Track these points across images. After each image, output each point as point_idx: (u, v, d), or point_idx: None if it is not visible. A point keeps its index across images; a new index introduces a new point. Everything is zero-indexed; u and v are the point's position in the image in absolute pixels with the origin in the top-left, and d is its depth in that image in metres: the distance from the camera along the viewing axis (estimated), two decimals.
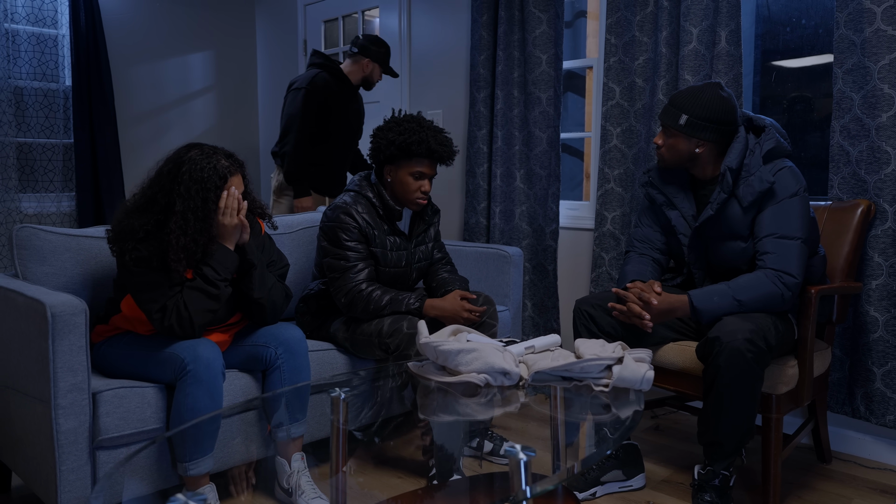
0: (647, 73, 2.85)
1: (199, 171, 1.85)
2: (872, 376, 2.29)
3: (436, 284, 2.43)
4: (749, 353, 1.81)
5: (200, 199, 1.84)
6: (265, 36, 4.75)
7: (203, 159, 1.87)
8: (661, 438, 2.61)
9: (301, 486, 1.93)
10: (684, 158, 2.08)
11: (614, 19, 2.92)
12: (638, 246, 2.28)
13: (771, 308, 1.94)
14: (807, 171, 2.77)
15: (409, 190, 2.26)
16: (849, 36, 2.30)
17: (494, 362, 1.58)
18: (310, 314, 2.40)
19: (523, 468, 1.11)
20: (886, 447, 2.40)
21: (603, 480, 2.12)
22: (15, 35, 3.75)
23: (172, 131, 4.43)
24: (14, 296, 1.83)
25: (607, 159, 2.98)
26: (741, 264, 2.07)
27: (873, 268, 2.27)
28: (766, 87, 2.90)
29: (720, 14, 2.57)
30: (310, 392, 2.17)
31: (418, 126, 2.21)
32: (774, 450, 1.97)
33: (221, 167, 1.87)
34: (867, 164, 2.28)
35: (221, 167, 1.87)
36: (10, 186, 3.70)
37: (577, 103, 3.58)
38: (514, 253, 2.78)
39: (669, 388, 2.14)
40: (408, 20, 3.84)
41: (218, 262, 1.89)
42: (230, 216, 1.90)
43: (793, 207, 1.97)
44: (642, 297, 1.99)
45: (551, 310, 3.22)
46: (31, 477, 1.83)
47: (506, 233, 3.35)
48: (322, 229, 2.30)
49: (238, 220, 1.91)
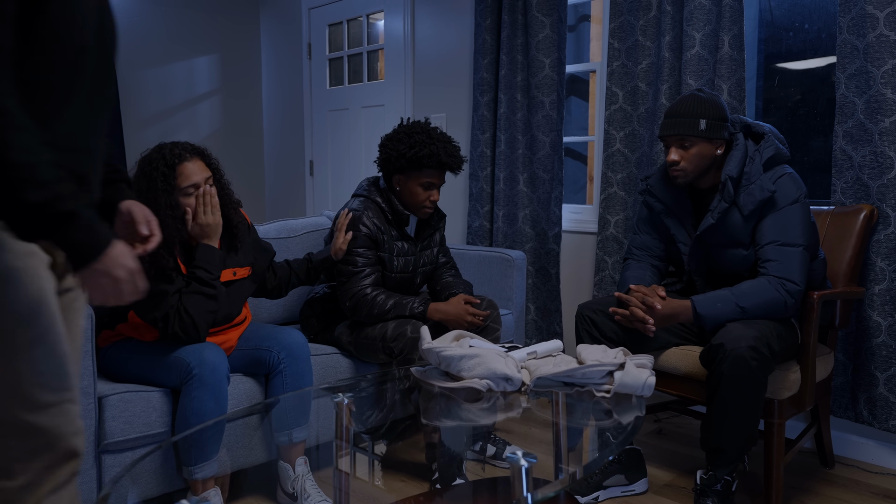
0: (650, 77, 2.85)
1: (148, 164, 1.88)
2: (875, 381, 2.29)
3: (440, 288, 2.44)
4: (753, 360, 1.81)
5: (147, 187, 1.86)
6: (270, 39, 4.77)
7: (154, 152, 1.90)
8: (663, 443, 2.62)
9: (306, 489, 1.94)
10: (706, 165, 2.04)
11: (617, 23, 2.93)
12: (636, 253, 2.28)
13: (774, 315, 1.95)
14: (809, 175, 2.78)
15: (418, 199, 2.28)
16: (851, 41, 2.30)
17: (497, 368, 1.59)
18: (315, 317, 2.42)
19: (525, 475, 1.12)
20: (890, 452, 2.40)
21: (605, 485, 2.13)
22: None
23: (178, 134, 4.45)
24: None
25: (610, 163, 2.99)
26: (743, 271, 2.08)
27: (876, 272, 2.27)
28: (770, 91, 2.90)
29: (723, 19, 2.58)
30: (312, 396, 2.18)
31: (428, 138, 2.21)
32: (777, 455, 1.97)
33: (169, 154, 1.89)
34: (870, 169, 2.28)
35: (169, 154, 1.89)
36: None
37: (580, 107, 3.59)
38: (517, 256, 2.79)
39: (672, 393, 2.14)
40: (412, 24, 3.85)
41: (206, 262, 1.90)
42: (209, 214, 1.91)
43: (794, 214, 1.97)
44: (646, 301, 2.00)
45: (554, 313, 3.22)
46: None
47: (509, 236, 3.35)
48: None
49: (217, 217, 1.93)
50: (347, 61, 4.28)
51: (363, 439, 2.35)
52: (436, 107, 3.79)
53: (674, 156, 2.03)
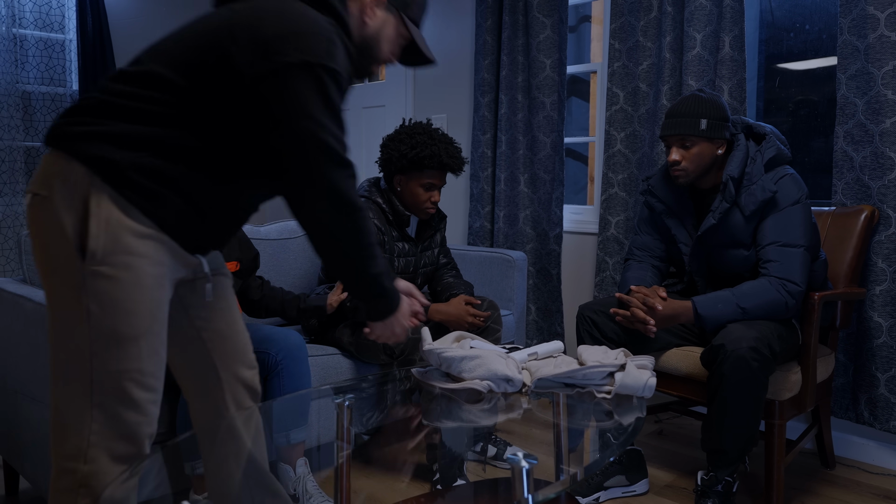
0: (650, 78, 2.85)
1: None
2: (876, 382, 2.29)
3: (441, 289, 2.44)
4: (754, 361, 1.81)
5: None
6: None
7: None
8: (664, 443, 2.62)
9: (308, 490, 1.94)
10: (708, 165, 2.05)
11: (618, 24, 2.93)
12: (637, 254, 2.28)
13: (774, 316, 1.95)
14: (811, 175, 2.78)
15: (419, 200, 2.28)
16: (852, 42, 2.30)
17: (498, 369, 1.59)
18: (316, 318, 2.42)
19: (525, 476, 1.12)
20: (890, 453, 2.40)
21: (606, 486, 2.13)
22: (23, 40, 3.78)
23: None
24: (22, 301, 1.85)
25: (611, 164, 2.99)
26: (744, 272, 2.08)
27: (877, 273, 2.27)
28: (770, 92, 2.90)
29: (724, 19, 2.58)
30: (311, 398, 2.18)
31: (430, 139, 2.22)
32: (778, 455, 1.97)
33: None
34: (871, 170, 2.29)
35: None
36: (18, 190, 3.73)
37: (581, 108, 3.59)
38: (517, 257, 2.79)
39: (673, 394, 2.14)
40: None
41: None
42: None
43: (795, 215, 1.97)
44: (647, 301, 2.00)
45: (555, 314, 3.23)
46: (39, 481, 1.85)
47: (510, 237, 3.36)
48: None
49: None
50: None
51: (364, 440, 2.36)
52: (437, 107, 3.79)
53: (675, 156, 2.04)
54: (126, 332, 1.14)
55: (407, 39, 1.46)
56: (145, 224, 1.15)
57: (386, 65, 1.48)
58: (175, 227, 1.19)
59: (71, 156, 1.14)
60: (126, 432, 1.17)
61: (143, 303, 1.16)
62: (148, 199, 1.15)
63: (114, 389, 1.15)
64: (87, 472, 1.15)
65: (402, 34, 1.44)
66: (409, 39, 1.46)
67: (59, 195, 1.13)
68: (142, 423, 1.18)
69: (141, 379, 1.17)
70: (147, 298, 1.16)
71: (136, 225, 1.14)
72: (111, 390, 1.15)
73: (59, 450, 1.17)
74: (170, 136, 1.16)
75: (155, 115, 1.16)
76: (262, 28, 1.15)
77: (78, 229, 1.12)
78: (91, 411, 1.15)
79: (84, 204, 1.12)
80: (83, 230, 1.12)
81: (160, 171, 1.15)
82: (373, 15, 1.38)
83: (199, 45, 1.17)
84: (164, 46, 1.20)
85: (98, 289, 1.12)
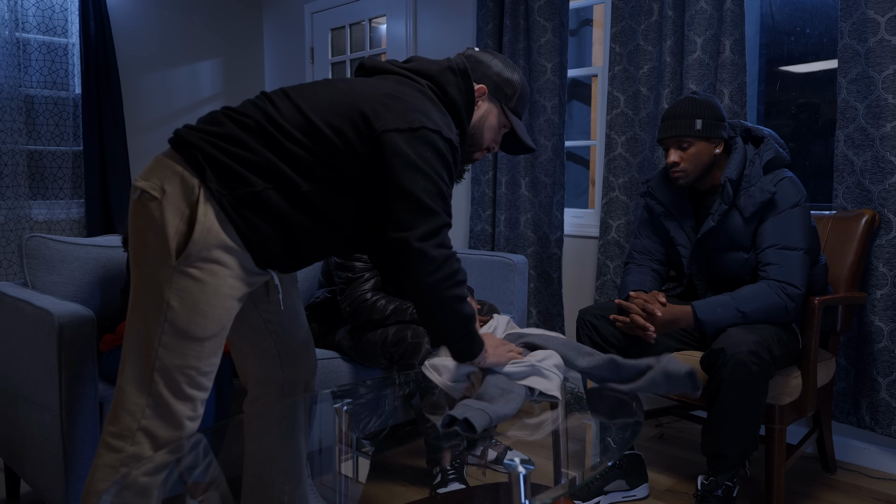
0: (651, 81, 2.86)
1: None
2: (878, 386, 2.29)
3: None
4: (754, 365, 1.81)
5: None
6: (272, 43, 4.78)
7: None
8: (664, 447, 2.61)
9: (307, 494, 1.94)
10: (706, 165, 2.05)
11: (619, 28, 2.93)
12: (637, 257, 2.28)
13: (774, 319, 1.95)
14: (811, 179, 2.77)
15: None
16: (853, 46, 2.30)
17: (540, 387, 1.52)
18: (315, 322, 2.42)
19: (522, 481, 1.12)
20: (892, 457, 2.39)
21: (606, 490, 2.13)
22: (26, 44, 3.79)
23: None
24: (23, 306, 1.86)
25: (612, 167, 2.99)
26: (744, 275, 2.07)
27: (878, 277, 2.27)
28: (771, 96, 2.90)
29: (724, 23, 2.58)
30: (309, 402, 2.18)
31: None
32: (778, 460, 1.97)
33: None
34: (871, 174, 2.28)
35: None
36: (21, 194, 3.74)
37: (582, 111, 3.59)
38: (518, 261, 2.79)
39: (673, 398, 2.14)
40: (414, 28, 3.86)
41: None
42: None
43: (794, 218, 1.97)
44: (646, 307, 2.00)
45: (556, 317, 3.22)
46: (40, 485, 1.85)
47: (511, 240, 3.36)
48: None
49: None
50: (350, 65, 4.29)
51: (363, 444, 2.36)
52: None
53: (673, 157, 2.05)
54: (195, 332, 1.25)
55: (508, 128, 1.57)
56: (236, 242, 1.27)
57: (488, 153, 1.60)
58: (260, 250, 1.30)
59: (192, 166, 1.25)
60: (174, 423, 1.27)
61: (217, 308, 1.26)
62: (247, 227, 1.27)
63: (171, 382, 1.25)
64: (131, 453, 1.25)
65: (504, 124, 1.55)
66: (509, 128, 1.56)
67: (170, 198, 1.24)
68: (190, 418, 1.29)
69: (196, 377, 1.28)
70: (222, 305, 1.27)
71: (228, 240, 1.26)
72: (168, 382, 1.25)
73: (111, 428, 1.27)
74: (291, 178, 1.27)
75: (288, 155, 1.27)
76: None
77: (181, 230, 1.23)
78: (147, 398, 1.25)
79: (192, 210, 1.23)
80: (186, 231, 1.24)
81: (266, 204, 1.26)
82: (478, 105, 1.50)
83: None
84: (316, 95, 1.32)
85: (182, 286, 1.24)
